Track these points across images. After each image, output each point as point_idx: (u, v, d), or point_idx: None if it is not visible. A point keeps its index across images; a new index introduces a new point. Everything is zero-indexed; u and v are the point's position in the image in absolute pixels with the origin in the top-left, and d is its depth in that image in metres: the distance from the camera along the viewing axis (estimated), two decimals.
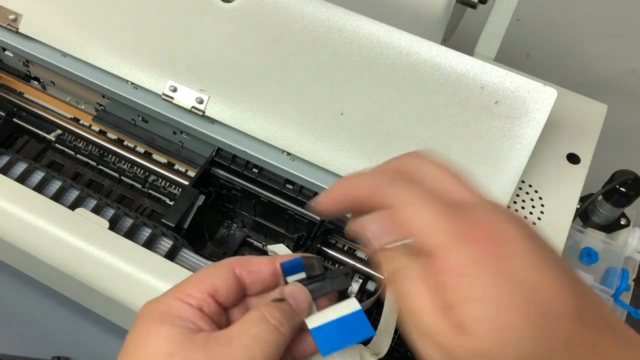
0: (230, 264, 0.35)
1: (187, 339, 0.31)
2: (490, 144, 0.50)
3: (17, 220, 0.49)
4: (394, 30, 0.52)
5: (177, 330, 0.31)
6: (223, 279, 0.34)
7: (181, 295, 0.33)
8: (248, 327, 0.32)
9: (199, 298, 0.33)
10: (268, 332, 0.32)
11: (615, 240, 0.59)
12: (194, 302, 0.33)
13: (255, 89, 0.54)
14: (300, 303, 0.34)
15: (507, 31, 0.65)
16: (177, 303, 0.33)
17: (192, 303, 0.33)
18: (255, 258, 0.36)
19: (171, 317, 0.32)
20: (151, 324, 0.32)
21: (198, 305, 0.33)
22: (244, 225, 0.66)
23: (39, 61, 0.60)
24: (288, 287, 0.35)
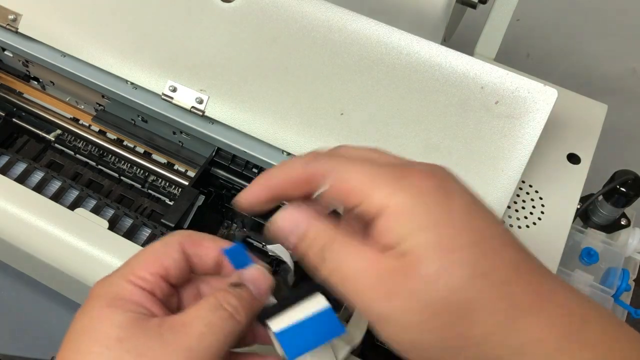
0: (180, 243, 0.34)
1: (138, 325, 0.30)
2: (490, 144, 0.50)
3: (16, 220, 0.49)
4: (394, 30, 0.52)
5: (128, 316, 0.30)
6: (174, 259, 0.33)
7: (133, 277, 0.32)
8: (203, 313, 0.31)
9: (151, 281, 0.32)
10: (223, 320, 0.31)
11: (615, 241, 0.58)
12: (146, 286, 0.32)
13: (255, 89, 0.54)
14: (261, 288, 0.33)
15: (507, 31, 0.65)
16: (129, 286, 0.31)
17: (144, 286, 0.32)
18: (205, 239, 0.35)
19: (123, 301, 0.31)
20: (102, 308, 0.30)
21: (150, 288, 0.32)
22: (244, 225, 0.66)
23: (39, 61, 0.60)
24: (248, 271, 0.34)
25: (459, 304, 0.28)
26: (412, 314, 0.28)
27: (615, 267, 0.56)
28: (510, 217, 0.52)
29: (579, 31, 1.05)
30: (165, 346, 0.29)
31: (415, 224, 0.28)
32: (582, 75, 1.09)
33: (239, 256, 0.34)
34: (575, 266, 0.56)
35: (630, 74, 1.07)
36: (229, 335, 0.31)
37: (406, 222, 0.29)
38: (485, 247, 0.29)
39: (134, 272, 0.32)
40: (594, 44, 1.05)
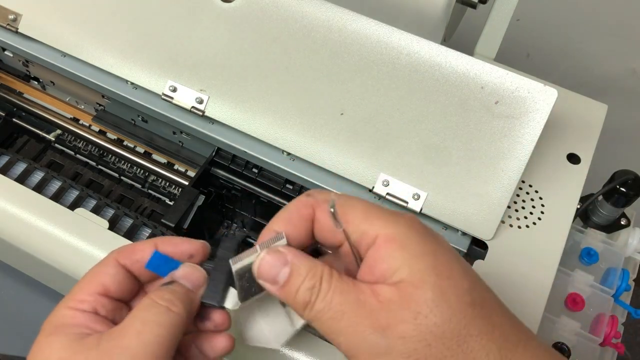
0: (113, 257, 0.35)
1: (78, 344, 0.31)
2: (490, 144, 0.50)
3: (16, 220, 0.49)
4: (394, 30, 0.52)
5: (68, 338, 0.31)
6: (111, 275, 0.34)
7: (72, 302, 0.33)
8: (138, 314, 0.31)
9: (90, 301, 0.33)
10: (158, 314, 0.31)
11: (615, 241, 0.58)
12: (86, 307, 0.33)
13: (255, 89, 0.54)
14: (195, 281, 0.34)
15: (507, 31, 0.65)
16: (69, 312, 0.33)
17: (84, 308, 0.33)
18: (138, 245, 0.35)
19: (63, 327, 0.32)
20: (44, 338, 0.32)
21: (92, 308, 0.33)
22: (244, 225, 0.66)
23: (39, 61, 0.60)
24: (179, 270, 0.35)
25: (457, 330, 0.28)
26: (409, 343, 0.28)
27: (615, 267, 0.56)
28: (510, 217, 0.52)
29: (579, 31, 1.05)
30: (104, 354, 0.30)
31: (409, 253, 0.29)
32: (582, 75, 1.09)
33: (164, 263, 0.35)
34: (575, 266, 0.56)
35: (630, 74, 1.07)
36: (168, 328, 0.31)
37: (401, 251, 0.29)
38: (476, 280, 0.30)
39: (74, 298, 0.33)
40: (594, 44, 1.05)
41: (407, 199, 0.50)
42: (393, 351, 0.28)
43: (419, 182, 0.50)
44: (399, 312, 0.28)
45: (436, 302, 0.28)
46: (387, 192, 0.51)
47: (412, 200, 0.50)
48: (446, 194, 0.50)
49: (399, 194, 0.50)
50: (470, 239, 0.52)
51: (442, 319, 0.28)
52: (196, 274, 0.35)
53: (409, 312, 0.28)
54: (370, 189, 0.51)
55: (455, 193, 0.50)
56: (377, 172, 0.51)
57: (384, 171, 0.51)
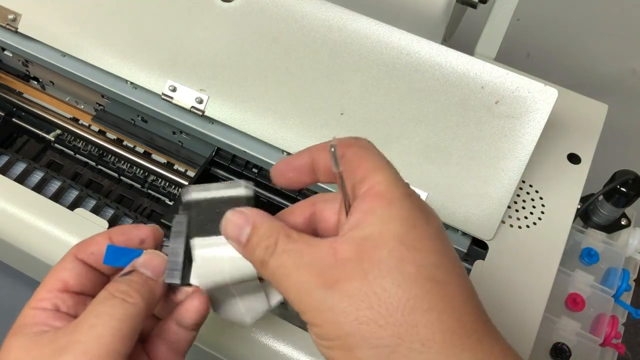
0: (71, 253, 0.34)
1: (34, 342, 0.31)
2: (490, 144, 0.50)
3: (16, 220, 0.49)
4: (394, 29, 0.52)
5: (26, 337, 0.31)
6: (69, 269, 0.34)
7: (34, 302, 0.33)
8: (93, 307, 0.31)
9: (50, 298, 0.33)
10: (114, 306, 0.31)
11: (616, 241, 0.58)
12: (46, 305, 0.32)
13: (255, 88, 0.54)
14: (155, 267, 0.33)
15: (508, 31, 0.65)
16: (30, 311, 0.33)
17: (45, 306, 0.32)
18: (94, 238, 0.35)
19: (23, 327, 0.32)
20: (8, 339, 0.32)
21: (52, 305, 0.32)
22: None
23: (39, 61, 0.60)
24: (140, 258, 0.34)
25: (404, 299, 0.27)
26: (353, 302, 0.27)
27: (615, 267, 0.56)
28: (511, 217, 0.52)
29: (579, 31, 1.04)
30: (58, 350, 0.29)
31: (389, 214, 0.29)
32: (582, 75, 1.09)
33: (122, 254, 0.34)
34: (576, 266, 0.56)
35: (630, 74, 1.07)
36: (124, 321, 0.30)
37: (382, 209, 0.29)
38: (448, 263, 0.28)
39: (34, 297, 0.33)
40: (594, 44, 1.05)
41: None
42: (336, 308, 0.27)
43: (419, 182, 0.50)
44: (350, 270, 0.27)
45: (389, 266, 0.27)
46: None
47: None
48: (446, 194, 0.50)
49: None
50: (471, 239, 0.52)
51: (390, 285, 0.27)
52: (156, 259, 0.34)
53: (359, 271, 0.27)
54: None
55: (455, 193, 0.50)
56: None
57: None
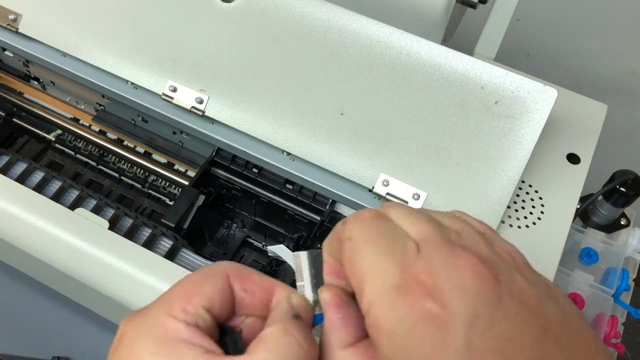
0: (226, 272, 0.29)
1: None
2: (490, 144, 0.50)
3: (17, 220, 0.49)
4: (394, 30, 0.52)
5: (188, 357, 0.25)
6: (220, 290, 0.28)
7: (175, 310, 0.27)
8: (272, 356, 0.26)
9: (192, 313, 0.27)
10: (288, 347, 0.26)
11: (615, 240, 0.58)
12: (189, 319, 0.27)
13: (255, 89, 0.54)
14: (310, 319, 0.29)
15: (507, 31, 0.65)
16: (171, 322, 0.26)
17: (187, 320, 0.27)
18: (254, 274, 0.30)
19: (170, 342, 0.26)
20: (148, 355, 0.25)
21: (193, 321, 0.27)
22: (244, 225, 0.66)
23: (39, 61, 0.60)
24: (296, 301, 0.29)
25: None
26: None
27: (615, 267, 0.56)
28: (510, 217, 0.52)
29: (579, 31, 1.04)
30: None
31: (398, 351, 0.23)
32: (582, 75, 1.09)
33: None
34: (575, 266, 0.56)
35: (630, 74, 1.07)
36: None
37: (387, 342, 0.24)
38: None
39: (174, 304, 0.27)
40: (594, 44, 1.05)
41: (407, 199, 0.50)
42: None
43: (419, 182, 0.50)
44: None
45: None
46: (387, 192, 0.51)
47: (412, 200, 0.50)
48: (446, 194, 0.50)
49: (398, 194, 0.50)
50: None
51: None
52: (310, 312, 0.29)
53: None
54: (370, 189, 0.51)
55: (455, 193, 0.50)
56: (377, 172, 0.51)
57: (384, 171, 0.51)
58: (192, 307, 0.27)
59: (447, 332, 0.22)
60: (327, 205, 0.55)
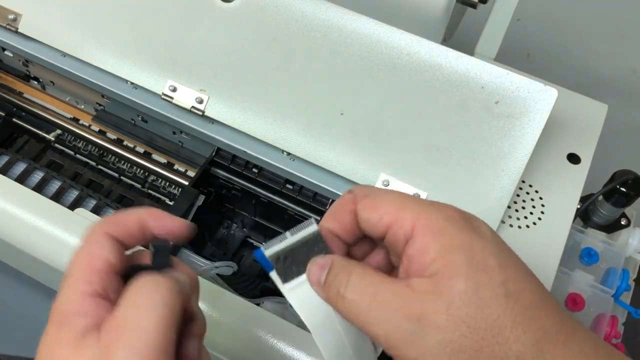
0: (101, 230, 0.32)
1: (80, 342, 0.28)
2: (490, 144, 0.50)
3: (16, 220, 0.49)
4: (394, 30, 0.52)
5: (73, 334, 0.29)
6: (108, 247, 0.31)
7: (81, 285, 0.30)
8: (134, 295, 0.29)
9: (96, 282, 0.30)
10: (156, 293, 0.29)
11: (615, 241, 0.58)
12: (91, 289, 0.30)
13: (255, 88, 0.54)
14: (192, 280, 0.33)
15: (508, 31, 0.65)
16: (74, 297, 0.30)
17: (90, 292, 0.30)
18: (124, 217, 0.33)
19: (69, 317, 0.30)
20: (55, 331, 0.30)
21: (100, 290, 0.30)
22: (244, 225, 0.66)
23: (39, 61, 0.60)
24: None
25: (490, 321, 0.28)
26: (444, 333, 0.28)
27: (615, 267, 0.56)
28: (510, 217, 0.52)
29: (579, 31, 1.04)
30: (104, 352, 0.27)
31: (444, 245, 0.30)
32: (582, 75, 1.09)
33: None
34: (576, 266, 0.56)
35: (630, 74, 1.07)
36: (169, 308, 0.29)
37: (435, 243, 0.30)
38: (514, 272, 0.30)
39: (77, 278, 0.30)
40: (594, 44, 1.05)
41: None
42: (429, 339, 0.28)
43: (419, 182, 0.50)
44: (433, 303, 0.29)
45: (468, 294, 0.28)
46: None
47: None
48: (446, 194, 0.50)
49: None
50: None
51: (474, 310, 0.28)
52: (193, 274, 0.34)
53: (442, 303, 0.28)
54: None
55: (455, 193, 0.50)
56: (377, 172, 0.51)
57: (384, 171, 0.51)
58: (93, 276, 0.30)
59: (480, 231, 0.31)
60: (327, 205, 0.55)
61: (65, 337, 0.29)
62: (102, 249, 0.31)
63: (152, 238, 0.34)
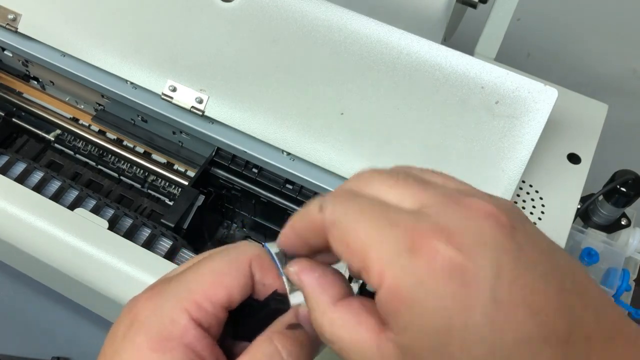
0: (249, 259, 0.27)
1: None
2: (490, 144, 0.50)
3: (16, 220, 0.49)
4: (394, 29, 0.52)
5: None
6: (242, 284, 0.26)
7: (191, 306, 0.25)
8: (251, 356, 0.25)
9: (209, 313, 0.25)
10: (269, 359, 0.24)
11: (616, 241, 0.58)
12: (203, 320, 0.25)
13: (255, 88, 0.54)
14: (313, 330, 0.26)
15: (508, 31, 0.65)
16: (184, 319, 0.25)
17: (201, 322, 0.25)
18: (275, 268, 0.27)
19: (173, 343, 0.25)
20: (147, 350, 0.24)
21: (207, 324, 0.25)
22: (244, 225, 0.65)
23: (38, 61, 0.59)
24: (304, 310, 0.26)
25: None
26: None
27: (615, 267, 0.56)
28: None
29: (579, 31, 1.04)
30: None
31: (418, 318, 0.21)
32: (583, 75, 1.09)
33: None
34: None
35: (630, 74, 1.07)
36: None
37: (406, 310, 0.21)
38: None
39: (192, 298, 0.25)
40: (595, 43, 1.05)
41: None
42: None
43: None
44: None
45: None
46: None
47: None
48: None
49: None
50: None
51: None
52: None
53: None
54: None
55: None
56: None
57: None
58: (210, 306, 0.25)
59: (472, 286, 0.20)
60: None
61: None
62: (234, 282, 0.26)
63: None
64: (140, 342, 0.25)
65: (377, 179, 0.25)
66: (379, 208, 0.23)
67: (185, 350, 0.24)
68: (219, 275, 0.26)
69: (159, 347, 0.24)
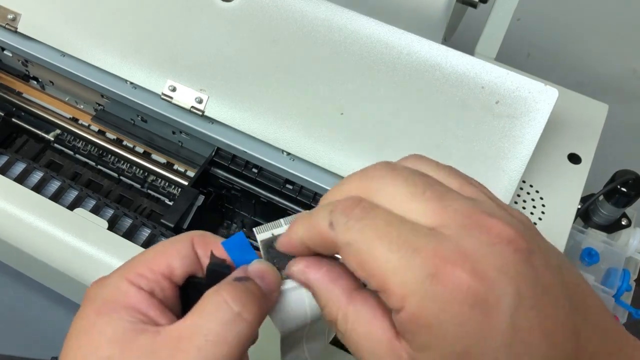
0: (191, 241, 0.30)
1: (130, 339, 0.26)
2: (491, 144, 0.50)
3: (15, 220, 0.49)
4: (395, 29, 0.52)
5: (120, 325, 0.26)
6: (182, 256, 0.29)
7: (131, 275, 0.28)
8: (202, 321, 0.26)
9: (151, 279, 0.28)
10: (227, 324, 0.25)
11: (616, 241, 0.58)
12: (144, 285, 0.27)
13: (255, 88, 0.54)
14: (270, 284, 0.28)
15: (508, 30, 0.65)
16: (125, 285, 0.27)
17: (142, 285, 0.27)
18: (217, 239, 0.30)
19: (116, 305, 0.27)
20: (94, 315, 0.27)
21: (149, 287, 0.27)
22: (244, 225, 0.65)
23: (38, 61, 0.59)
24: (254, 265, 0.29)
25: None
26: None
27: (616, 267, 0.56)
28: None
29: (579, 31, 1.04)
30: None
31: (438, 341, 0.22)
32: (583, 75, 1.09)
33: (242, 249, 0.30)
34: (576, 266, 0.56)
35: (631, 74, 1.07)
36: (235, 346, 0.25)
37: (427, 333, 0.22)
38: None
39: (133, 269, 0.28)
40: (595, 43, 1.05)
41: None
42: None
43: None
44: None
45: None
46: None
47: None
48: None
49: None
50: None
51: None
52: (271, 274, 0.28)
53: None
54: None
55: None
56: None
57: None
58: (151, 274, 0.28)
59: (492, 315, 0.21)
60: None
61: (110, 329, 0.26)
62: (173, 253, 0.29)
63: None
64: (88, 312, 0.27)
65: (390, 186, 0.25)
66: (396, 229, 0.23)
67: (130, 311, 0.26)
68: (159, 251, 0.29)
69: (103, 311, 0.27)
